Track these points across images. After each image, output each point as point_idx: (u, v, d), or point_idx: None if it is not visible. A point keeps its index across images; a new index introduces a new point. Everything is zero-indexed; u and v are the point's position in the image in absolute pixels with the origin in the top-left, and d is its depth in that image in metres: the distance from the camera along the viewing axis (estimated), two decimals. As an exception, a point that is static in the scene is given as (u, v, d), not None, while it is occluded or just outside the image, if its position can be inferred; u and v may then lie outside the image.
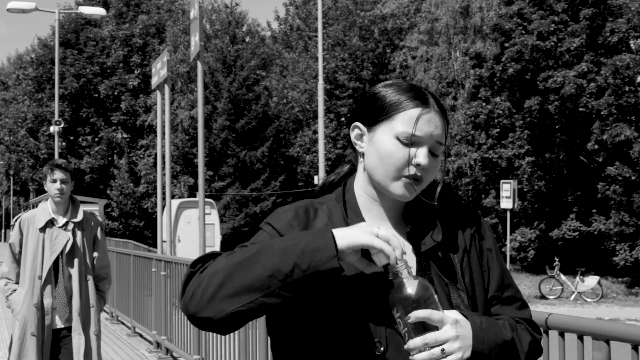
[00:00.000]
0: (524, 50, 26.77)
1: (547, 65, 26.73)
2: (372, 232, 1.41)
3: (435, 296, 1.42)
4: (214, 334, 6.76)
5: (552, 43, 26.43)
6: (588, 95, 25.79)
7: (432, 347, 1.39)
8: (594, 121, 25.95)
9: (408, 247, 1.56)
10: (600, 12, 26.63)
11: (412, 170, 1.50)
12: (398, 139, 1.51)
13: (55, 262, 4.74)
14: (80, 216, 4.87)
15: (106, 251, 5.05)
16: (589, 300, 21.12)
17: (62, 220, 4.82)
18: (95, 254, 4.93)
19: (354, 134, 1.60)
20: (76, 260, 4.77)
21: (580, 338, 2.78)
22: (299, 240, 1.40)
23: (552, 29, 26.44)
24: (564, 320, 2.80)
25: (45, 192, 5.01)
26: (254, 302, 1.39)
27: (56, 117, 23.77)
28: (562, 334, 2.84)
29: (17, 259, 4.85)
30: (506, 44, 27.73)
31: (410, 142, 1.50)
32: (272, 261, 1.39)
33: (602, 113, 25.35)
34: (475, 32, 30.97)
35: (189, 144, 36.51)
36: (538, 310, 2.93)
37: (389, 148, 1.51)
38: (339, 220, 1.57)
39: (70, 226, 4.82)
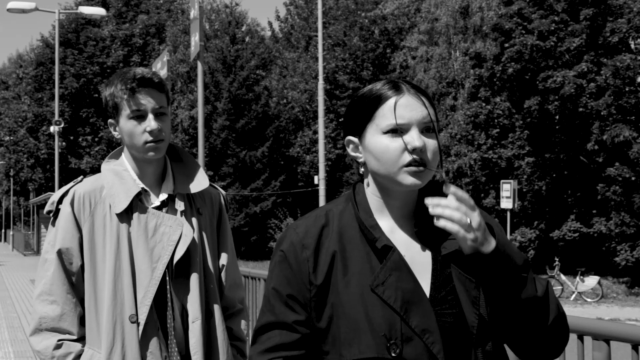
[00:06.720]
0: (523, 50, 26.75)
1: (547, 65, 26.71)
2: None
3: None
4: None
5: (552, 43, 26.42)
6: (588, 96, 25.78)
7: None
8: (594, 121, 25.94)
9: (417, 247, 1.57)
10: (601, 12, 26.61)
11: (410, 157, 1.50)
12: (386, 133, 1.52)
13: (161, 284, 2.27)
14: (200, 184, 2.38)
15: (235, 254, 2.54)
16: (589, 300, 21.11)
17: (160, 195, 2.34)
18: (224, 261, 2.46)
19: (350, 149, 1.62)
20: (194, 278, 2.30)
21: (580, 338, 2.77)
22: None
23: (552, 28, 26.43)
24: (564, 320, 2.79)
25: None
26: None
27: (56, 117, 23.77)
28: (562, 334, 2.83)
29: (74, 285, 2.28)
30: (506, 44, 27.71)
31: (397, 130, 1.51)
32: None
33: (602, 113, 25.34)
34: (475, 32, 30.97)
35: (189, 144, 36.50)
36: (538, 310, 2.89)
37: (381, 145, 1.52)
38: (348, 221, 1.58)
39: (180, 205, 2.33)
